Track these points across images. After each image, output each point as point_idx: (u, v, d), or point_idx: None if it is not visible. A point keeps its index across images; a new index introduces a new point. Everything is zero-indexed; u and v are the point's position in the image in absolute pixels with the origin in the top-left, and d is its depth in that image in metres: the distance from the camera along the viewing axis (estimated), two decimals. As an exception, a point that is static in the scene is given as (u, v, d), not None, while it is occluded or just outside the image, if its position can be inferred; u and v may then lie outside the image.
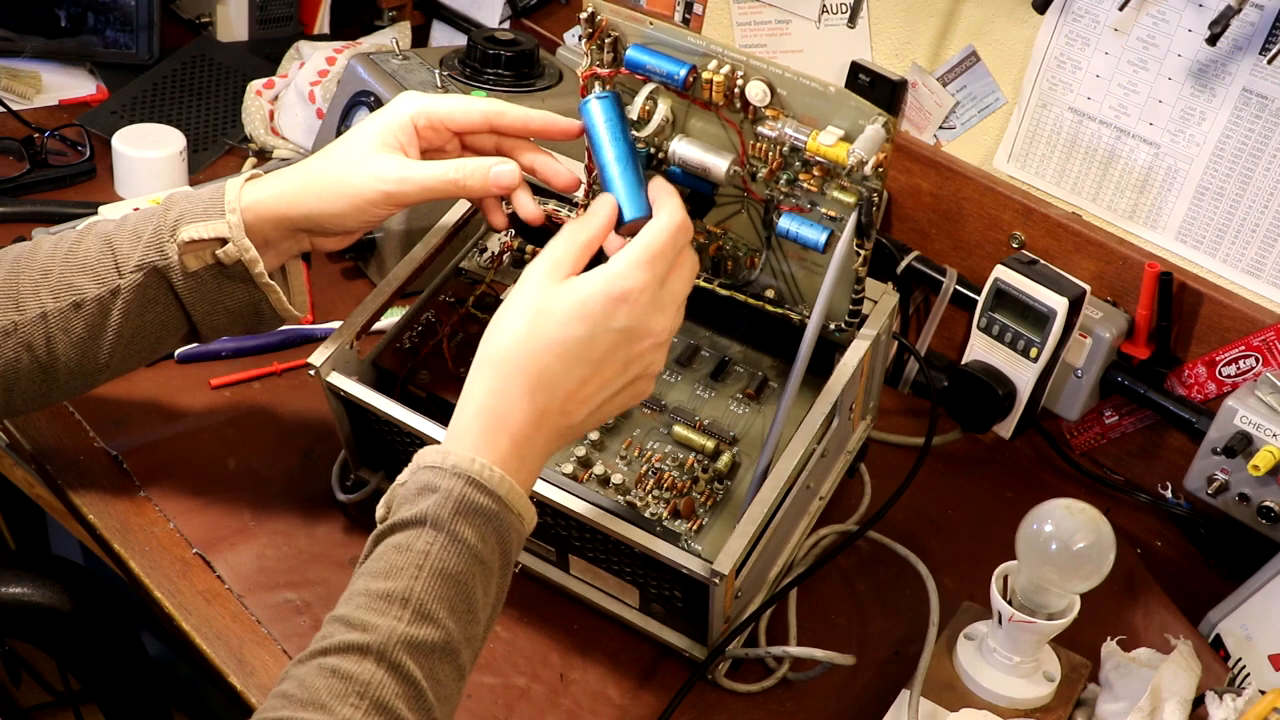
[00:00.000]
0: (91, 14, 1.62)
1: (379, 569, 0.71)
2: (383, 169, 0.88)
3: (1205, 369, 1.15)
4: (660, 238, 0.80)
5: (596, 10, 0.90)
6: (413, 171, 0.89)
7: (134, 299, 0.91)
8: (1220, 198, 1.13)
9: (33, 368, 0.92)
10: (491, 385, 0.77)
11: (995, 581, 0.91)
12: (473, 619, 0.72)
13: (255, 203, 0.91)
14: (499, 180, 0.90)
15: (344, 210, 0.90)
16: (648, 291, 0.79)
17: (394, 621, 0.69)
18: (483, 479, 0.73)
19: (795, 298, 0.98)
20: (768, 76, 0.87)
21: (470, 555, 0.72)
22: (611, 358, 0.79)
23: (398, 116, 0.90)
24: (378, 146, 0.89)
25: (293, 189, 0.91)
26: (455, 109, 0.91)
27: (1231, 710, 0.87)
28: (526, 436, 0.76)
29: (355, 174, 0.89)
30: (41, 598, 1.24)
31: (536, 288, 0.79)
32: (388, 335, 1.03)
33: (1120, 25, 1.15)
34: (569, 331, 0.77)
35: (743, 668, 0.97)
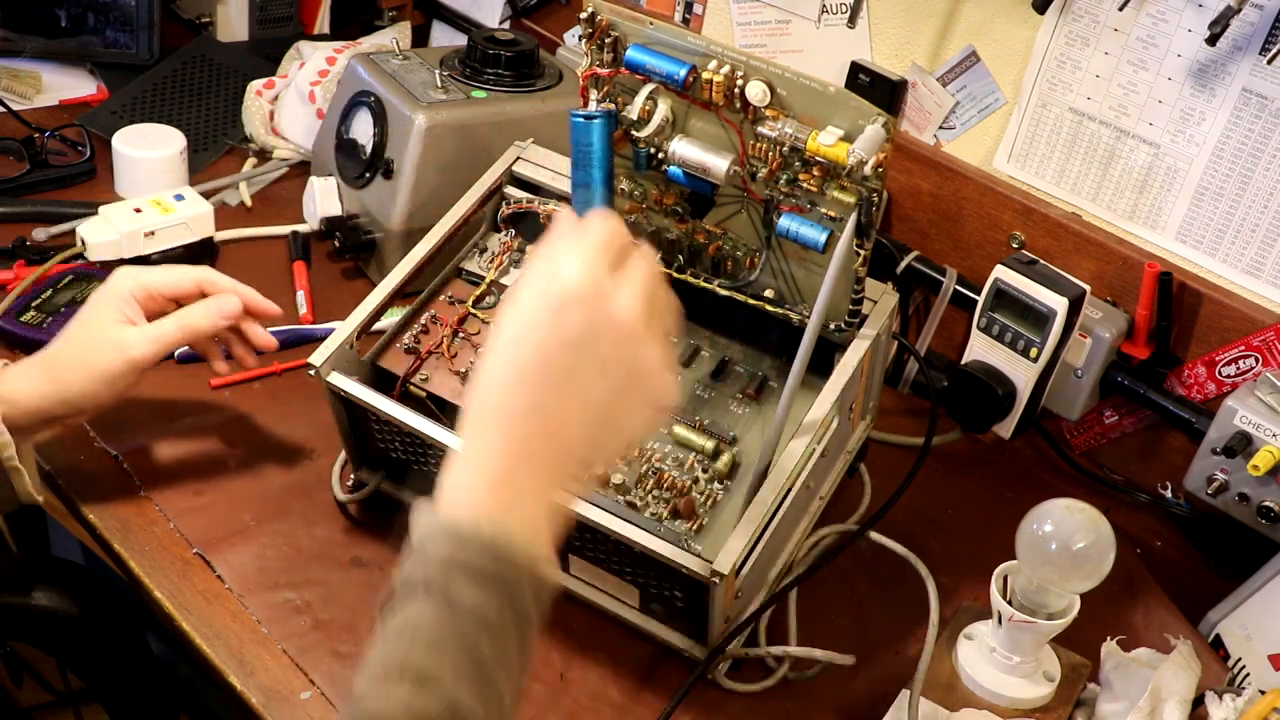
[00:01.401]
0: (91, 14, 1.62)
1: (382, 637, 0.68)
2: (123, 340, 0.98)
3: (1205, 369, 1.15)
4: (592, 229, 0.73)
5: (597, 10, 0.91)
6: (148, 335, 0.99)
7: None
8: (1220, 198, 1.13)
9: None
10: (467, 435, 0.72)
11: (995, 581, 0.91)
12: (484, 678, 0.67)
13: (9, 390, 0.96)
14: (224, 312, 1.02)
15: (95, 389, 0.97)
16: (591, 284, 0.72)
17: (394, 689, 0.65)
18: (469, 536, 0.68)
19: (795, 298, 0.98)
20: (768, 76, 0.87)
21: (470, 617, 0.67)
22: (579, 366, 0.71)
23: (119, 292, 1.00)
24: (110, 324, 0.99)
25: (43, 376, 0.98)
26: (168, 279, 1.02)
27: (1231, 710, 0.87)
28: (505, 474, 0.70)
29: (100, 352, 0.98)
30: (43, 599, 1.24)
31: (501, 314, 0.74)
32: (388, 335, 1.03)
33: (1120, 25, 1.15)
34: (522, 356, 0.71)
35: (743, 668, 0.97)
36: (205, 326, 1.02)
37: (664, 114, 0.93)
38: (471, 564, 0.68)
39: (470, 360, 1.01)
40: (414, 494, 1.04)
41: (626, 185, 0.99)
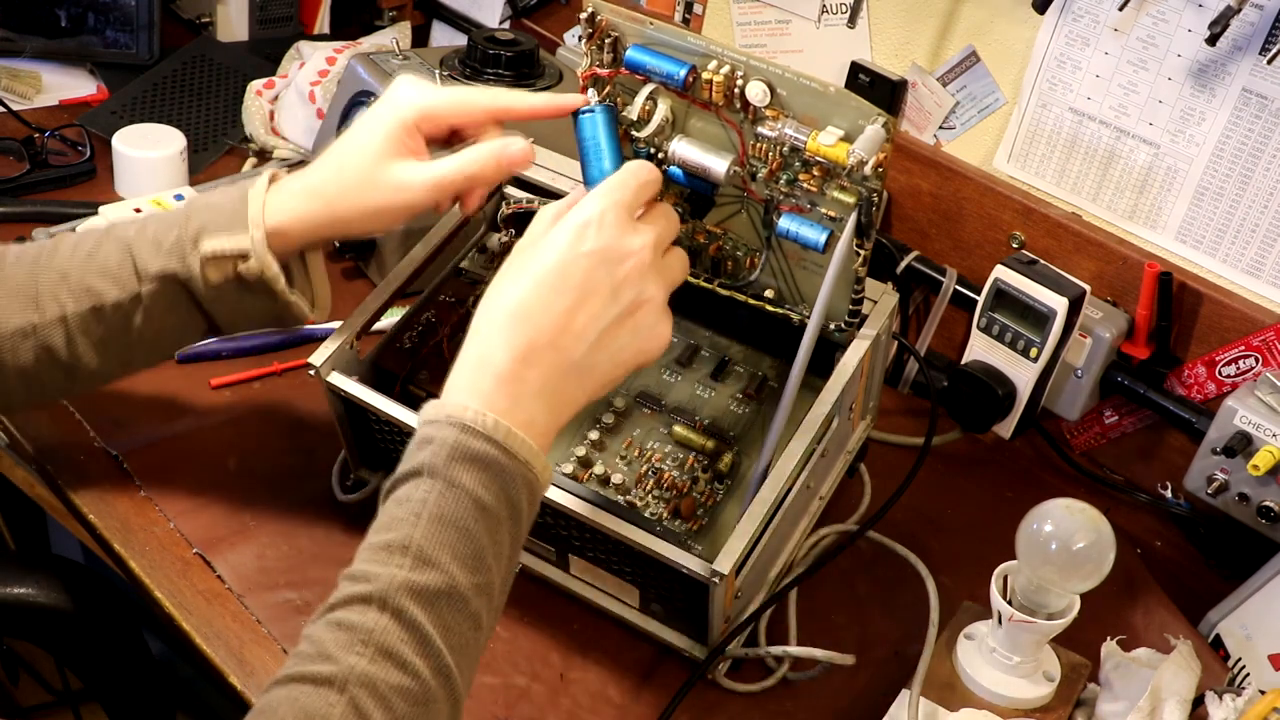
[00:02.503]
0: (91, 14, 1.62)
1: (381, 523, 0.72)
2: (402, 181, 0.89)
3: (1205, 369, 1.15)
4: (622, 173, 0.81)
5: (596, 10, 0.91)
6: (431, 176, 0.89)
7: (155, 305, 0.92)
8: (1220, 198, 1.13)
9: (54, 367, 0.93)
10: (476, 335, 0.77)
11: (995, 581, 0.91)
12: (480, 566, 0.71)
13: (279, 219, 0.91)
14: (514, 161, 0.90)
15: (368, 223, 0.92)
16: (610, 213, 0.78)
17: (394, 569, 0.69)
18: (475, 424, 0.73)
19: (795, 298, 0.98)
20: (768, 76, 0.87)
21: (470, 501, 0.72)
22: (592, 281, 0.77)
23: (403, 119, 0.89)
24: (391, 155, 0.89)
25: (315, 207, 0.91)
26: (457, 106, 0.91)
27: (1231, 710, 0.87)
28: (514, 373, 0.75)
29: (376, 189, 0.89)
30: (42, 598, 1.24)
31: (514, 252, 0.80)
32: (388, 335, 1.03)
33: (1120, 25, 1.15)
34: (542, 264, 0.77)
35: (743, 668, 0.97)
36: (491, 175, 0.91)
37: (664, 114, 0.93)
38: (474, 452, 0.72)
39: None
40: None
41: (626, 185, 0.99)
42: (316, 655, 0.67)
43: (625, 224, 0.79)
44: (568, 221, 0.78)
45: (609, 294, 0.78)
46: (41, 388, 0.94)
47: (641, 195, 0.81)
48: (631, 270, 0.79)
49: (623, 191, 0.80)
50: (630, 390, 1.02)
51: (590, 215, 0.78)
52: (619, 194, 0.80)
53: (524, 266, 0.78)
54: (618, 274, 0.78)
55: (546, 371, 0.76)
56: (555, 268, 0.77)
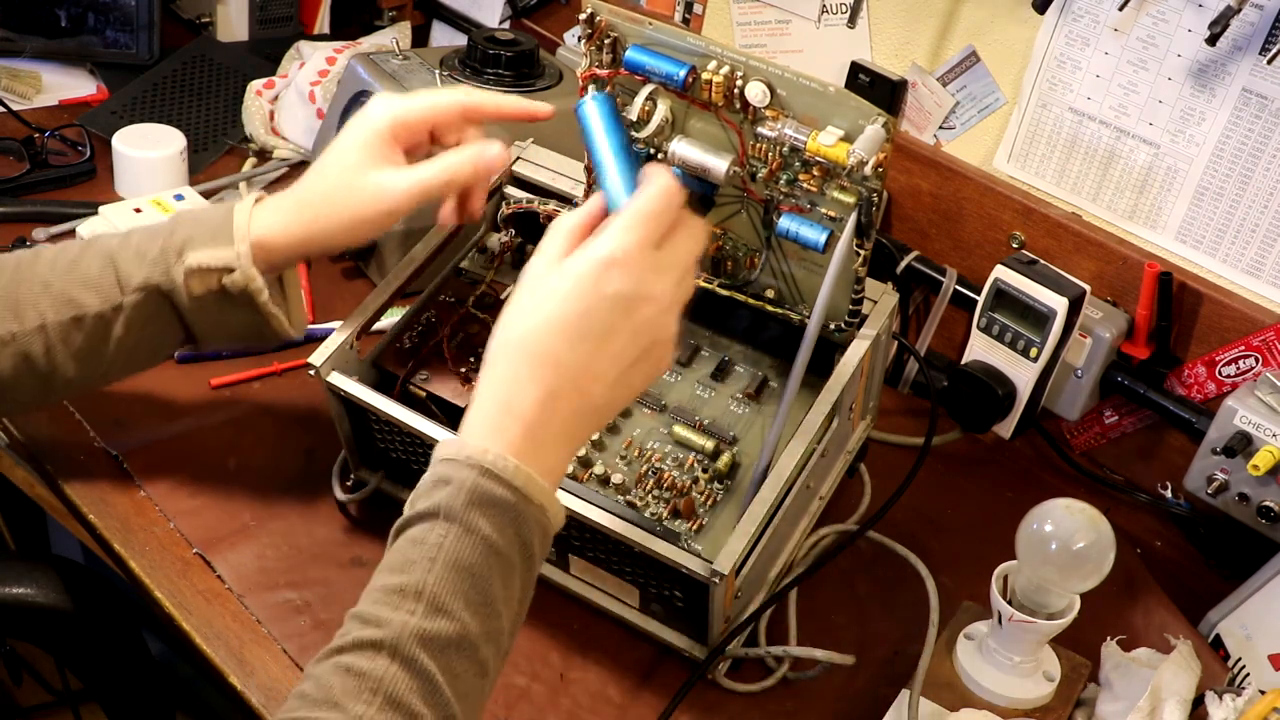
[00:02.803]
0: (91, 14, 1.62)
1: (395, 563, 0.71)
2: (381, 188, 0.91)
3: (1205, 369, 1.15)
4: (646, 202, 0.77)
5: (596, 11, 0.91)
6: (408, 183, 0.91)
7: (135, 316, 0.92)
8: (1220, 198, 1.13)
9: (30, 376, 0.93)
10: (497, 373, 0.76)
11: (995, 581, 0.91)
12: (491, 613, 0.71)
13: (264, 233, 0.92)
14: (491, 164, 0.93)
15: (351, 232, 0.93)
16: (639, 253, 0.76)
17: (406, 616, 0.68)
18: (496, 469, 0.72)
19: (795, 298, 0.98)
20: (767, 77, 0.87)
21: (486, 547, 0.71)
22: (616, 327, 0.76)
23: (377, 129, 0.91)
24: (368, 164, 0.91)
25: (299, 220, 0.92)
26: (428, 109, 0.93)
27: (1231, 710, 0.87)
28: (539, 420, 0.75)
29: (357, 198, 0.91)
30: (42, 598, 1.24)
31: (534, 276, 0.78)
32: (388, 335, 1.03)
33: (1120, 25, 1.15)
34: (566, 307, 0.75)
35: (743, 668, 0.97)
36: (468, 178, 0.93)
37: (663, 114, 0.93)
38: (493, 497, 0.72)
39: (470, 360, 1.01)
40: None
41: (626, 185, 0.99)
42: (323, 701, 0.66)
43: (649, 264, 0.76)
44: (592, 256, 0.76)
45: (629, 336, 0.77)
46: (17, 395, 0.94)
47: (666, 221, 0.78)
48: (653, 313, 0.77)
49: (650, 225, 0.77)
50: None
51: (615, 253, 0.75)
52: (645, 228, 0.77)
53: (546, 302, 0.76)
54: (638, 317, 0.77)
55: (567, 415, 0.76)
56: (580, 311, 0.75)
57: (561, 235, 0.79)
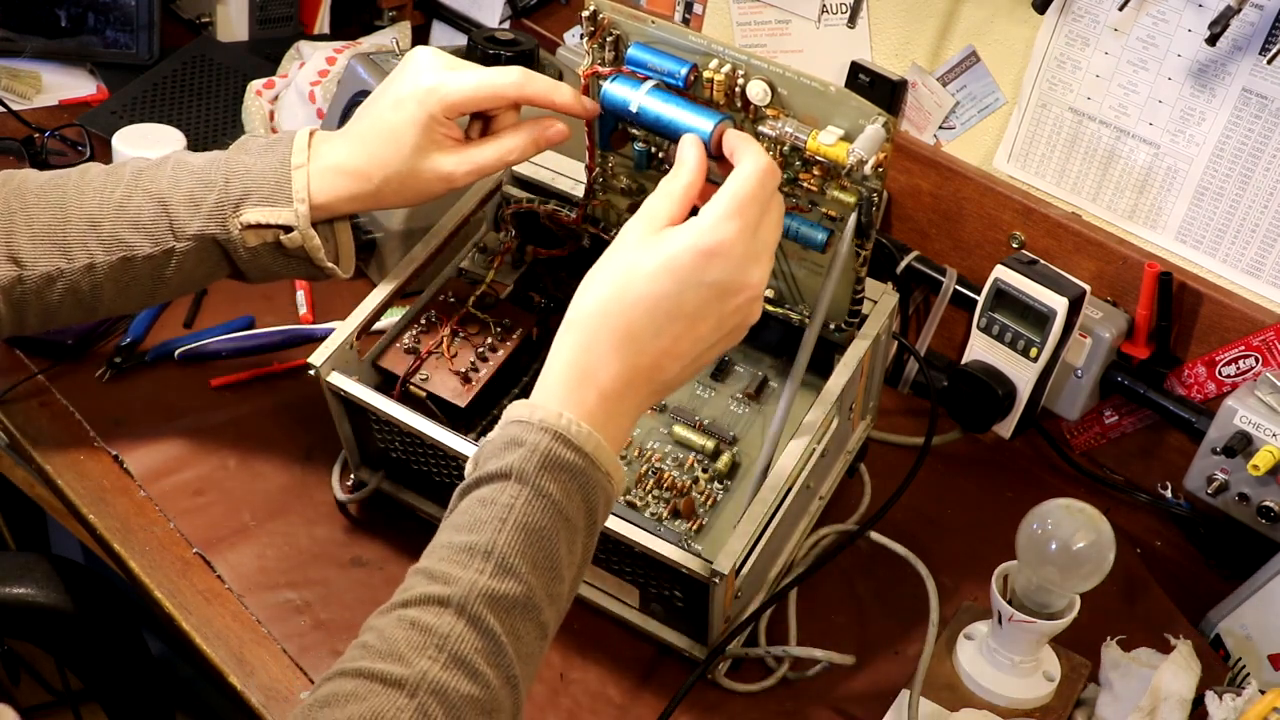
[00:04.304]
0: (91, 14, 1.62)
1: (463, 522, 0.71)
2: (444, 172, 0.93)
3: (1205, 369, 1.15)
4: (749, 184, 0.77)
5: (598, 9, 0.91)
6: (469, 165, 0.93)
7: (187, 259, 0.94)
8: (1220, 198, 1.13)
9: (74, 306, 0.96)
10: (579, 341, 0.76)
11: (995, 581, 0.91)
12: (556, 576, 0.71)
13: (322, 198, 0.93)
14: (552, 142, 0.95)
15: (409, 200, 0.95)
16: (740, 243, 0.76)
17: (475, 574, 0.68)
18: (569, 434, 0.72)
19: (795, 298, 0.98)
20: (768, 76, 0.87)
21: (555, 511, 0.71)
22: (705, 313, 0.76)
23: (430, 114, 0.91)
24: (429, 148, 0.92)
25: (359, 190, 0.94)
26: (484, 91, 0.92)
27: (1231, 710, 0.87)
28: (616, 392, 0.75)
29: (421, 181, 0.93)
30: (42, 598, 1.24)
31: (629, 245, 0.77)
32: (388, 335, 1.03)
33: (1120, 25, 1.15)
34: (657, 287, 0.75)
35: (743, 668, 0.97)
36: (522, 158, 0.95)
37: (664, 114, 0.92)
38: (565, 462, 0.72)
39: (470, 360, 1.01)
40: (414, 494, 1.04)
41: (627, 184, 0.99)
42: (387, 653, 0.66)
43: (748, 253, 0.76)
44: (696, 244, 0.75)
45: (716, 322, 0.77)
46: (61, 319, 0.97)
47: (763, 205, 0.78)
48: (744, 301, 0.78)
49: (751, 211, 0.76)
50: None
51: (720, 243, 0.75)
52: (746, 215, 0.76)
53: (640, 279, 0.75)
54: (730, 305, 0.77)
55: (643, 391, 0.77)
56: (675, 293, 0.75)
57: (664, 200, 0.78)
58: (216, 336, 1.20)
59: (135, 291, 0.96)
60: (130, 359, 1.17)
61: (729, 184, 0.78)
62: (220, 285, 1.23)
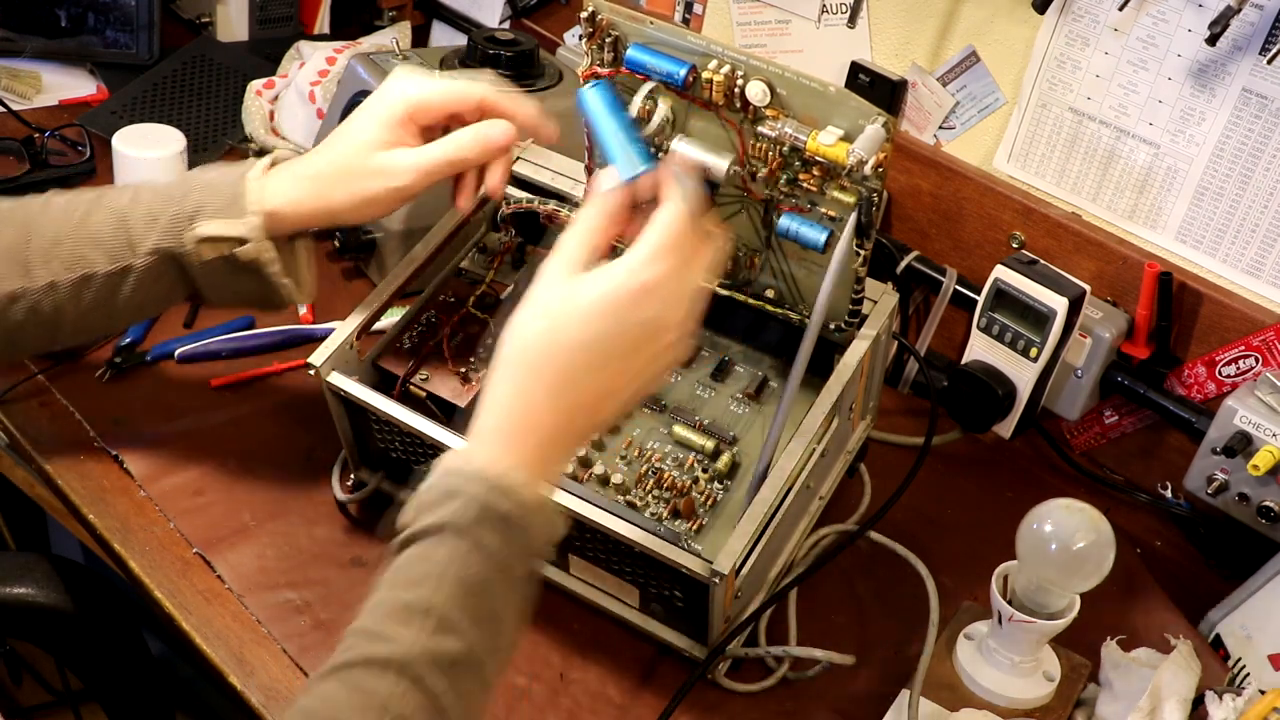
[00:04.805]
0: (91, 14, 1.62)
1: (401, 579, 0.70)
2: (389, 168, 0.92)
3: (1205, 369, 1.15)
4: (676, 223, 0.77)
5: (597, 10, 0.91)
6: (414, 162, 0.92)
7: (145, 277, 0.94)
8: (1220, 198, 1.13)
9: (38, 327, 0.95)
10: (514, 386, 0.75)
11: (995, 581, 0.91)
12: (497, 629, 0.71)
13: (275, 204, 0.93)
14: (492, 144, 0.93)
15: (359, 210, 0.94)
16: (671, 280, 0.76)
17: (416, 633, 0.67)
18: (506, 484, 0.71)
19: (795, 298, 0.98)
20: (768, 76, 0.87)
21: (494, 563, 0.70)
22: (639, 351, 0.76)
23: (393, 110, 0.93)
24: (381, 144, 0.93)
25: (309, 194, 0.93)
26: (448, 97, 0.94)
27: (1231, 710, 0.87)
28: (554, 438, 0.75)
29: (366, 177, 0.92)
30: (42, 598, 1.24)
31: (555, 284, 0.76)
32: (388, 335, 1.03)
33: (1120, 25, 1.15)
34: (592, 327, 0.74)
35: (743, 668, 0.97)
36: (473, 159, 0.94)
37: (664, 114, 0.93)
38: (502, 513, 0.71)
39: (470, 360, 1.01)
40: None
41: (626, 185, 0.99)
42: (329, 718, 0.65)
43: (679, 291, 0.77)
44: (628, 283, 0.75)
45: (648, 360, 0.77)
46: (24, 343, 0.97)
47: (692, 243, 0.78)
48: (674, 339, 0.78)
49: (680, 250, 0.76)
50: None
51: (650, 281, 0.75)
52: (676, 255, 0.76)
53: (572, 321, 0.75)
54: (661, 342, 0.77)
55: (581, 432, 0.77)
56: (607, 335, 0.75)
57: (581, 238, 0.78)
58: (216, 336, 1.20)
59: (96, 315, 0.95)
60: (130, 359, 1.17)
61: (660, 222, 0.77)
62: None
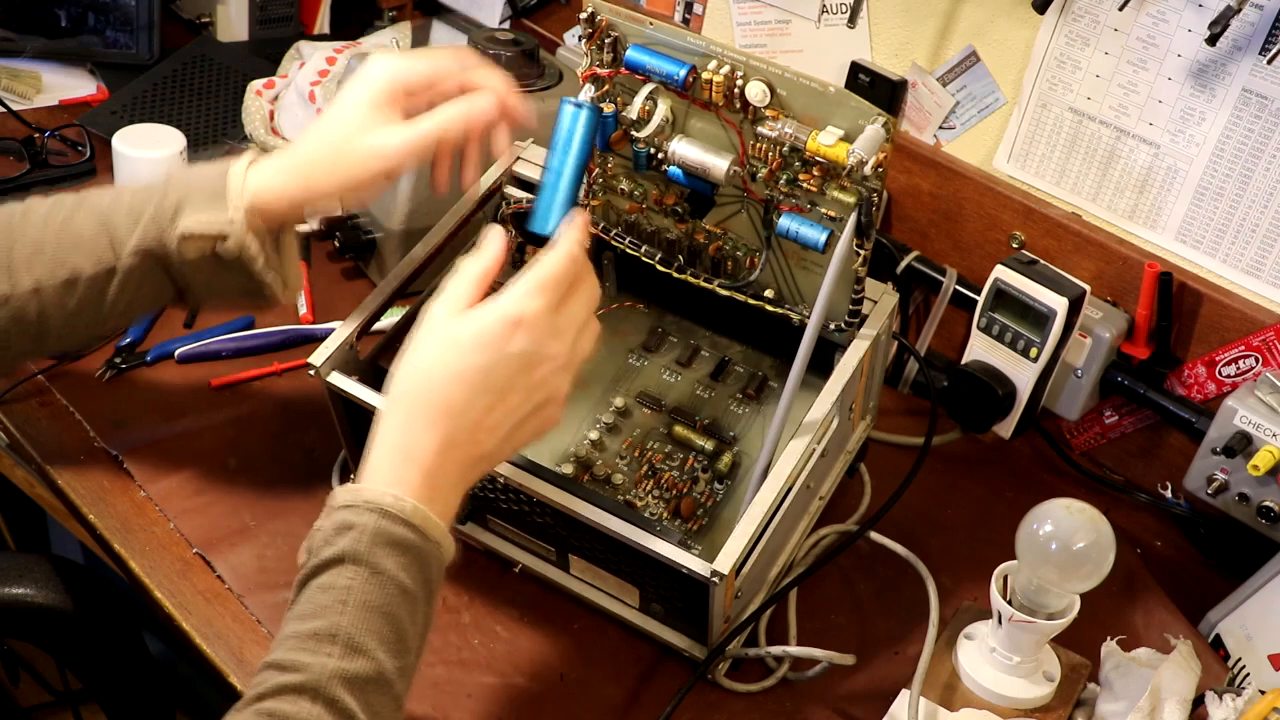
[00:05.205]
0: (92, 14, 1.62)
1: (306, 611, 0.72)
2: (374, 148, 0.91)
3: (1205, 369, 1.15)
4: (552, 266, 0.80)
5: (596, 10, 0.91)
6: (400, 140, 0.91)
7: (130, 278, 0.93)
8: (1220, 198, 1.13)
9: (23, 334, 0.94)
10: (397, 421, 0.78)
11: (995, 581, 0.91)
12: (403, 649, 0.73)
13: (258, 196, 0.92)
14: (481, 117, 0.92)
15: (347, 194, 0.93)
16: (542, 316, 0.79)
17: (325, 659, 0.69)
18: (396, 510, 0.74)
19: (795, 298, 0.98)
20: (767, 76, 0.87)
21: (393, 586, 0.73)
22: (514, 384, 0.79)
23: (374, 91, 0.91)
24: (365, 126, 0.91)
25: (294, 182, 0.92)
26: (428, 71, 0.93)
27: (1231, 710, 0.87)
28: (436, 467, 0.77)
29: (352, 158, 0.91)
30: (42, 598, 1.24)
31: (438, 323, 0.79)
32: (388, 335, 1.03)
33: (1120, 25, 1.15)
34: (470, 360, 0.77)
35: (743, 668, 0.97)
36: (459, 132, 0.92)
37: (664, 114, 0.93)
38: (396, 537, 0.74)
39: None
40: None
41: (626, 185, 0.99)
42: None
43: (551, 327, 0.79)
44: (499, 315, 0.78)
45: (525, 393, 0.79)
46: (9, 351, 0.96)
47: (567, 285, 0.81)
48: (548, 373, 0.80)
49: (554, 289, 0.80)
50: (630, 390, 1.02)
51: (522, 314, 0.78)
52: (550, 293, 0.79)
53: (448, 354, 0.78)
54: (535, 376, 0.79)
55: (461, 462, 0.78)
56: (482, 365, 0.77)
57: (465, 283, 0.81)
58: (216, 336, 1.20)
59: (83, 318, 0.94)
60: (130, 359, 1.17)
61: (536, 264, 0.80)
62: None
